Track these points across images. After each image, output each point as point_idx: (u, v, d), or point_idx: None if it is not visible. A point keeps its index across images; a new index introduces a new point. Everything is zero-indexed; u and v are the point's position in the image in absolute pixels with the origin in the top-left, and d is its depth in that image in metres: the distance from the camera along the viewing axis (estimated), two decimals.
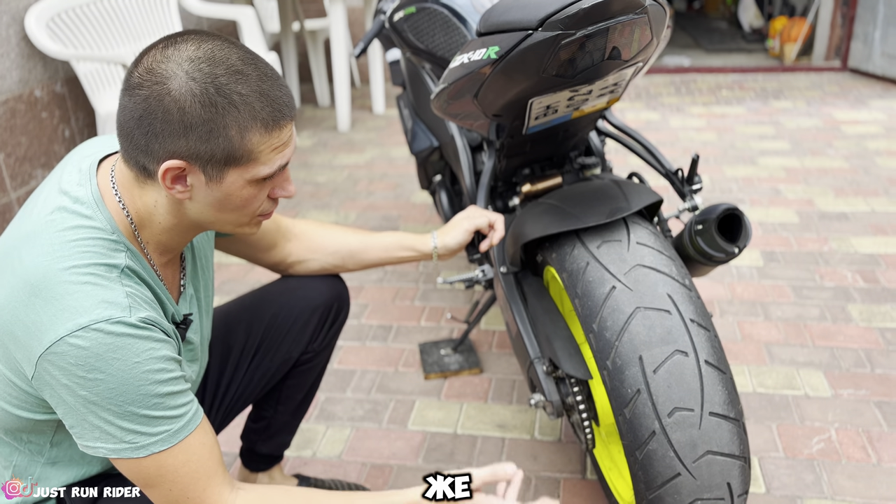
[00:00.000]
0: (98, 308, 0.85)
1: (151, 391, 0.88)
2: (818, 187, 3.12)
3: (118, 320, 0.85)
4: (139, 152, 0.88)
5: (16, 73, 2.83)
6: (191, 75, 0.84)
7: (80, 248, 0.88)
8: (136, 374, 0.86)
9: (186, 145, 0.86)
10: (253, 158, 0.90)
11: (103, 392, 0.86)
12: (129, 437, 0.89)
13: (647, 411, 1.12)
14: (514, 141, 1.50)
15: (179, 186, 0.90)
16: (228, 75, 0.86)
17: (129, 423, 0.88)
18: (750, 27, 6.43)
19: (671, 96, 4.64)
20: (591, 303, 1.22)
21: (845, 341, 2.06)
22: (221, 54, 0.87)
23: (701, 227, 1.37)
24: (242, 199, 0.94)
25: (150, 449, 0.90)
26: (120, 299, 0.87)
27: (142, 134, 0.86)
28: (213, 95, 0.85)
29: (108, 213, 0.93)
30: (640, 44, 1.20)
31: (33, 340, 0.85)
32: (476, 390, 1.95)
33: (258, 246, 1.32)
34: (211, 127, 0.85)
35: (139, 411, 0.88)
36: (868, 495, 1.54)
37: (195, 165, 0.88)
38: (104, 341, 0.84)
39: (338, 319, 1.43)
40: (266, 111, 0.88)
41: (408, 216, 3.06)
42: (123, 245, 0.93)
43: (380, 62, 4.43)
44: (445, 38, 1.75)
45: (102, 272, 0.88)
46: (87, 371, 0.85)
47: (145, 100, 0.85)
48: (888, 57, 4.59)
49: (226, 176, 0.90)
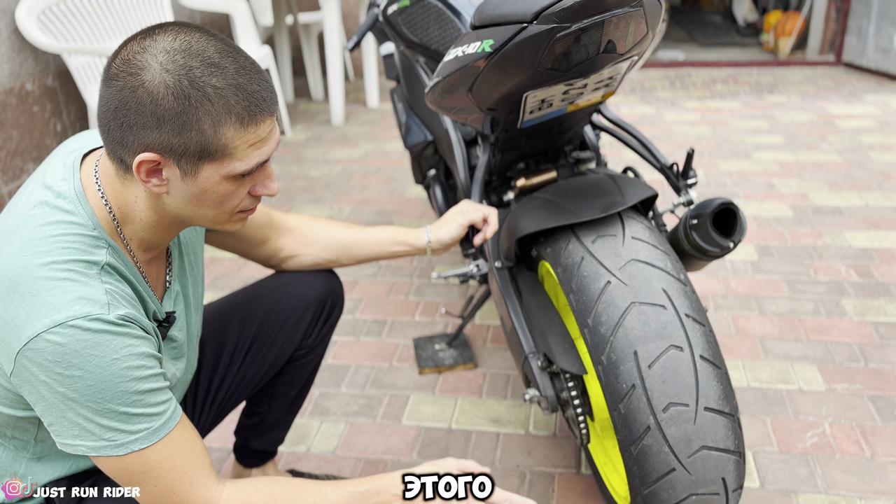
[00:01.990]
0: (76, 305, 0.84)
1: (130, 388, 0.87)
2: (812, 181, 3.13)
3: (96, 317, 0.85)
4: (116, 144, 0.87)
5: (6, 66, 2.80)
6: (165, 67, 0.83)
7: (59, 244, 0.87)
8: (114, 370, 0.85)
9: (159, 138, 0.85)
10: (228, 154, 0.88)
11: (81, 389, 0.85)
12: (109, 435, 0.88)
13: (642, 406, 1.12)
14: (509, 135, 1.49)
15: (155, 180, 0.89)
16: (203, 67, 0.84)
17: (109, 421, 0.87)
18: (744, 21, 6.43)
19: (665, 90, 4.64)
20: (585, 298, 1.21)
21: (839, 335, 2.06)
22: (198, 46, 0.85)
23: (696, 222, 1.37)
24: (219, 196, 0.92)
25: (130, 447, 0.89)
26: (99, 296, 0.86)
27: (117, 126, 0.86)
28: (186, 87, 0.83)
29: (89, 209, 0.92)
30: (635, 37, 1.19)
31: (11, 336, 0.85)
32: (470, 385, 1.95)
33: (249, 240, 1.31)
34: (184, 119, 0.84)
35: (118, 408, 0.87)
36: (862, 489, 1.54)
37: (169, 159, 0.87)
38: (82, 338, 0.84)
39: (332, 315, 1.42)
40: (241, 105, 0.86)
41: (402, 210, 3.06)
42: (105, 241, 0.92)
43: (374, 56, 4.41)
44: (440, 31, 1.74)
45: (81, 268, 0.87)
46: (64, 368, 0.84)
47: (120, 91, 0.84)
48: (882, 51, 4.59)
49: (200, 170, 0.88)
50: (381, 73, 5.01)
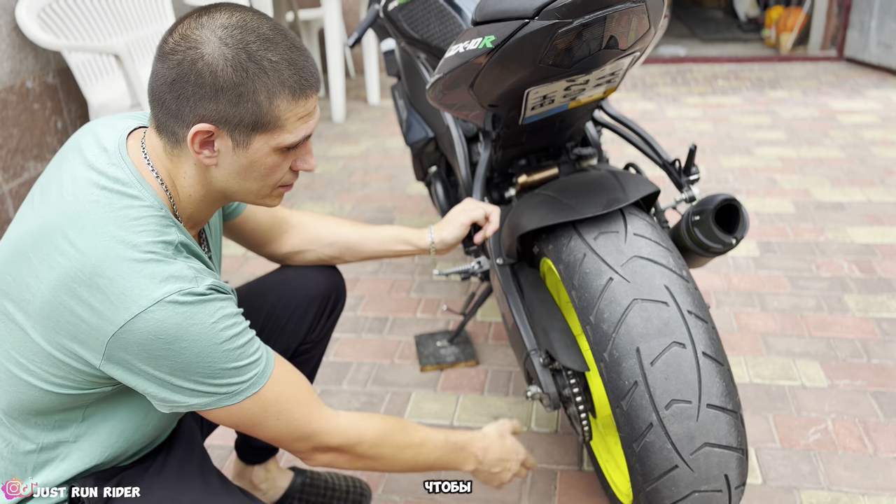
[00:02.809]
0: (168, 283, 0.88)
1: (232, 345, 0.92)
2: (814, 177, 3.12)
3: (188, 291, 0.89)
4: (170, 117, 0.91)
5: (7, 64, 2.80)
6: (223, 41, 0.88)
7: (136, 227, 0.90)
8: (214, 333, 0.90)
9: (216, 108, 0.89)
10: (279, 126, 0.93)
11: (190, 358, 0.89)
12: (224, 389, 0.94)
13: (645, 403, 1.12)
14: (511, 131, 1.49)
15: (207, 151, 0.93)
16: (259, 42, 0.89)
17: (221, 379, 0.93)
18: (746, 17, 6.41)
19: (667, 86, 4.63)
20: (587, 294, 1.21)
21: (842, 331, 2.06)
22: (253, 23, 0.90)
23: (698, 218, 1.37)
24: (266, 168, 0.96)
25: (245, 393, 0.95)
26: (185, 272, 0.90)
27: (173, 98, 0.89)
28: (244, 61, 0.88)
29: (152, 191, 0.94)
30: (637, 33, 1.19)
31: (102, 321, 0.87)
32: (472, 382, 1.95)
33: (254, 235, 1.33)
34: (241, 91, 0.88)
35: (227, 366, 0.92)
36: (865, 485, 1.54)
37: (223, 129, 0.91)
38: (180, 311, 0.88)
39: (335, 309, 1.43)
40: (294, 79, 0.91)
41: (403, 207, 3.05)
42: (171, 220, 0.95)
43: (374, 52, 4.41)
44: (440, 27, 1.73)
45: (161, 249, 0.90)
46: (169, 343, 0.88)
47: (178, 64, 0.88)
48: (884, 46, 4.58)
49: (252, 142, 0.93)
50: (381, 70, 5.00)
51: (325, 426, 1.04)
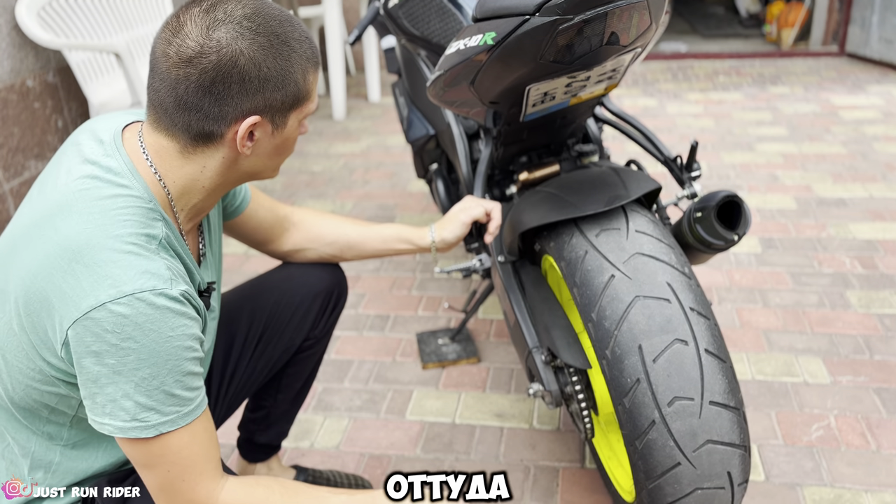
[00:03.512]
0: (142, 278, 0.85)
1: (176, 368, 0.88)
2: (816, 173, 3.11)
3: (161, 292, 0.86)
4: (206, 121, 0.90)
5: (7, 63, 2.80)
6: (254, 31, 0.88)
7: (121, 216, 0.89)
8: (167, 348, 0.86)
9: (263, 99, 0.90)
10: (309, 98, 0.97)
11: (132, 362, 0.85)
12: (143, 415, 0.88)
13: (647, 401, 1.12)
14: (512, 128, 1.48)
15: (249, 143, 0.94)
16: (279, 24, 0.91)
17: (146, 399, 0.87)
18: (747, 12, 6.40)
19: (668, 82, 4.62)
20: (589, 292, 1.21)
21: (844, 328, 2.05)
22: (261, 8, 0.91)
23: (700, 215, 1.36)
24: (292, 140, 1.00)
25: (159, 429, 0.88)
26: (162, 271, 0.88)
27: (212, 101, 0.88)
28: (278, 45, 0.90)
29: (143, 181, 0.93)
30: (638, 29, 1.18)
31: (69, 306, 0.85)
32: (474, 380, 1.95)
33: (255, 233, 1.33)
34: (283, 74, 0.90)
35: (161, 387, 0.87)
36: (867, 482, 1.54)
37: (266, 118, 0.92)
38: (145, 311, 0.84)
39: (338, 306, 1.44)
40: (311, 49, 0.95)
41: (404, 205, 3.05)
42: (159, 214, 0.93)
43: (375, 50, 4.40)
44: (441, 24, 1.73)
45: (143, 242, 0.89)
46: (121, 339, 0.84)
47: (216, 66, 0.87)
48: (886, 41, 4.57)
49: (288, 120, 0.95)
50: (382, 67, 5.00)
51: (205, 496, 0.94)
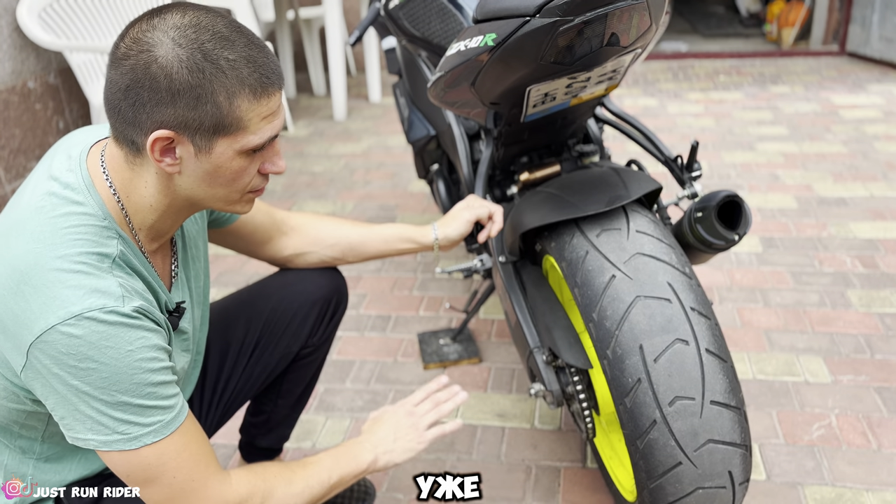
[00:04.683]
0: (91, 297, 0.84)
1: (144, 380, 0.87)
2: (817, 172, 3.12)
3: (112, 309, 0.84)
4: (127, 125, 0.87)
5: (8, 64, 2.80)
6: (177, 42, 0.83)
7: (71, 236, 0.87)
8: (128, 362, 0.85)
9: (174, 113, 0.85)
10: (242, 127, 0.88)
11: (96, 381, 0.85)
12: (123, 428, 0.87)
13: (648, 400, 1.12)
14: (512, 129, 1.49)
15: (168, 159, 0.88)
16: (215, 41, 0.85)
17: (122, 414, 0.87)
18: (747, 12, 6.40)
19: (669, 82, 4.62)
20: (590, 292, 1.21)
21: (845, 327, 2.05)
22: (206, 22, 0.86)
23: (701, 215, 1.37)
24: (232, 172, 0.92)
25: (143, 440, 0.88)
26: (113, 289, 0.86)
27: (129, 105, 0.85)
28: (200, 61, 0.84)
29: (99, 199, 0.91)
30: (638, 30, 1.19)
31: (23, 329, 0.84)
32: (475, 380, 1.95)
33: (252, 239, 1.31)
34: (199, 93, 0.84)
35: (132, 401, 0.87)
36: (868, 481, 1.54)
37: (184, 135, 0.86)
38: (97, 329, 0.83)
39: (337, 313, 1.42)
40: (254, 77, 0.87)
41: (405, 205, 3.05)
42: (115, 232, 0.91)
43: (375, 50, 4.40)
44: (442, 25, 1.73)
45: (94, 261, 0.87)
46: (79, 360, 0.83)
47: (132, 69, 0.84)
48: (886, 41, 4.57)
49: (215, 146, 0.88)
50: (383, 68, 5.00)
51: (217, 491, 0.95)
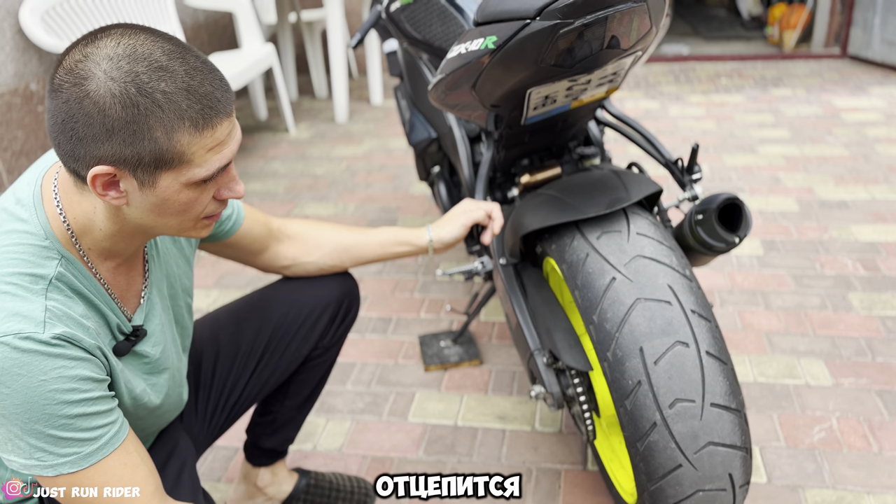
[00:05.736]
0: (9, 321, 0.81)
1: (57, 411, 0.83)
2: (818, 175, 3.11)
3: (27, 336, 0.81)
4: (68, 158, 0.84)
5: (11, 66, 2.81)
6: (109, 75, 0.79)
7: (7, 254, 0.86)
8: (41, 392, 0.82)
9: (111, 150, 0.81)
10: (186, 161, 0.84)
11: (9, 407, 0.82)
12: (38, 455, 0.85)
13: (648, 403, 1.12)
14: (513, 131, 1.49)
15: (113, 192, 0.85)
16: (150, 72, 0.80)
17: (37, 441, 0.84)
18: (749, 14, 6.40)
19: (670, 85, 4.62)
20: (591, 294, 1.21)
21: (846, 330, 2.05)
22: (143, 50, 0.81)
23: (701, 217, 1.37)
24: (182, 204, 0.88)
25: (58, 469, 0.86)
26: (35, 314, 0.83)
27: (66, 139, 0.82)
28: (133, 95, 0.79)
29: (44, 218, 0.89)
30: (639, 32, 1.19)
31: None
32: (476, 382, 1.95)
33: (248, 250, 1.29)
34: (134, 129, 0.80)
35: (45, 430, 0.84)
36: (870, 484, 1.54)
37: (125, 170, 0.83)
38: (10, 356, 0.81)
39: (348, 316, 1.42)
40: (194, 109, 0.82)
41: (406, 208, 3.05)
42: (56, 252, 0.89)
43: (377, 53, 4.41)
44: (442, 28, 1.73)
45: (26, 283, 0.85)
46: None
47: (66, 103, 0.80)
48: (888, 44, 4.57)
49: (159, 180, 0.84)
50: (384, 71, 5.00)
51: None
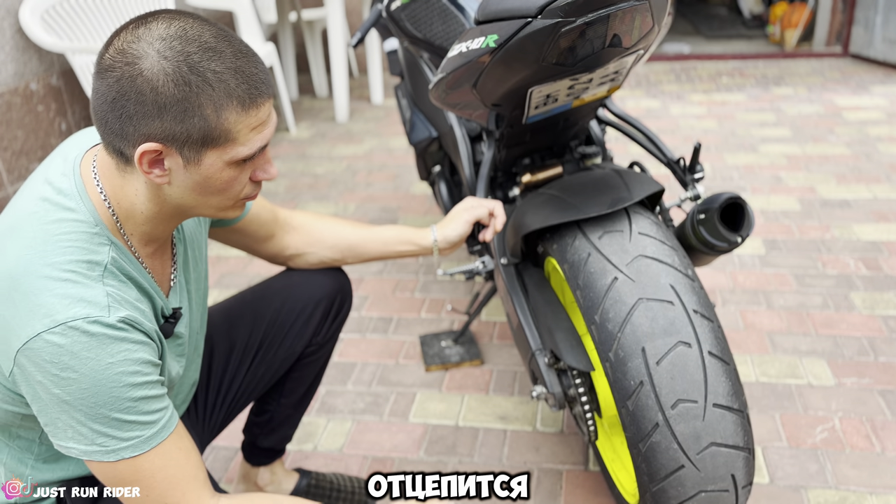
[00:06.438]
0: (76, 306, 0.84)
1: (123, 394, 0.86)
2: (820, 174, 3.11)
3: (95, 319, 0.84)
4: (115, 137, 0.86)
5: (11, 66, 2.81)
6: (162, 54, 0.82)
7: (62, 243, 0.87)
8: (108, 375, 0.85)
9: (161, 127, 0.84)
10: (231, 139, 0.87)
11: (75, 392, 0.84)
12: (101, 440, 0.87)
13: (651, 403, 1.11)
14: (514, 130, 1.48)
15: (157, 171, 0.88)
16: (202, 52, 0.83)
17: (100, 426, 0.86)
18: (750, 13, 6.39)
19: (671, 84, 4.62)
20: (592, 294, 1.21)
21: (848, 329, 2.05)
22: (194, 32, 0.84)
23: (703, 217, 1.36)
24: (223, 182, 0.91)
25: (121, 454, 0.88)
26: (99, 298, 0.86)
27: (116, 118, 0.84)
28: (186, 73, 0.82)
29: (90, 205, 0.91)
30: (640, 31, 1.18)
31: (11, 335, 0.85)
32: (477, 382, 1.95)
33: (254, 237, 1.31)
34: (185, 106, 0.83)
35: (111, 414, 0.86)
36: (872, 484, 1.53)
37: (171, 148, 0.86)
38: (79, 340, 0.83)
39: (341, 312, 1.42)
40: (242, 88, 0.85)
41: (407, 207, 3.05)
42: (107, 238, 0.91)
43: (377, 52, 4.40)
44: (443, 26, 1.73)
45: (84, 269, 0.87)
46: (60, 369, 0.83)
47: (117, 81, 0.83)
48: (889, 42, 4.56)
49: (204, 158, 0.88)
50: (385, 70, 5.00)
51: None
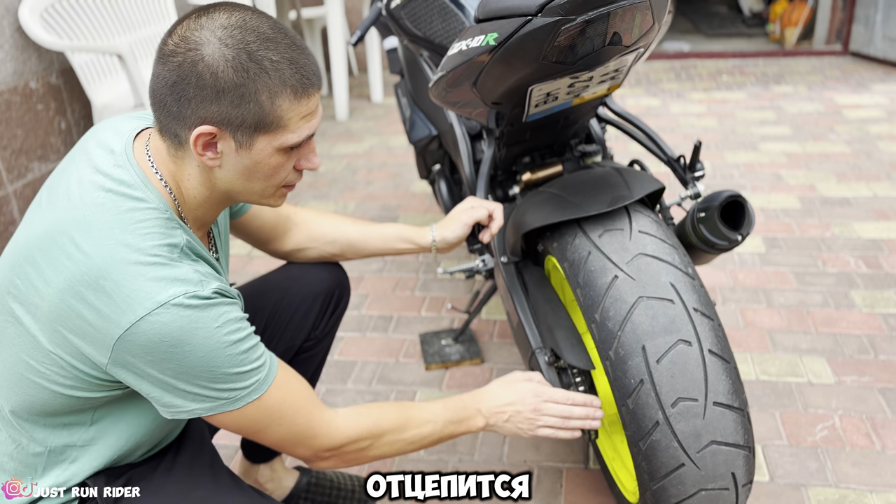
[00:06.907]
0: (173, 286, 0.88)
1: (236, 350, 0.93)
2: (820, 172, 3.11)
3: (194, 294, 0.89)
4: (172, 120, 0.91)
5: (10, 64, 2.80)
6: (223, 42, 0.88)
7: (141, 230, 0.91)
8: (217, 338, 0.91)
9: (218, 110, 0.89)
10: (282, 125, 0.92)
11: (193, 361, 0.90)
12: (225, 395, 0.94)
13: (651, 402, 1.11)
14: (514, 129, 1.48)
15: (210, 153, 0.93)
16: (260, 42, 0.89)
17: (223, 384, 0.93)
18: (750, 11, 6.39)
19: (671, 82, 4.61)
20: (592, 292, 1.20)
21: (848, 328, 2.05)
22: (253, 23, 0.90)
23: (703, 215, 1.36)
24: (270, 168, 0.96)
25: (245, 400, 0.96)
26: (191, 275, 0.91)
27: (174, 101, 0.89)
28: (245, 61, 0.88)
29: (156, 192, 0.95)
30: (641, 29, 1.18)
31: (109, 324, 0.87)
32: (477, 380, 1.95)
33: (260, 231, 1.34)
34: (243, 92, 0.88)
35: (230, 371, 0.93)
36: (872, 482, 1.53)
37: (226, 131, 0.91)
38: (184, 314, 0.88)
39: (339, 306, 1.44)
40: (296, 78, 0.91)
41: (407, 205, 3.05)
42: (177, 223, 0.96)
43: (377, 50, 4.40)
44: (443, 24, 1.72)
45: (166, 252, 0.91)
46: (172, 346, 0.88)
47: (179, 66, 0.88)
48: (889, 40, 4.56)
49: (255, 142, 0.92)
50: (384, 68, 5.00)
51: (326, 429, 1.06)
